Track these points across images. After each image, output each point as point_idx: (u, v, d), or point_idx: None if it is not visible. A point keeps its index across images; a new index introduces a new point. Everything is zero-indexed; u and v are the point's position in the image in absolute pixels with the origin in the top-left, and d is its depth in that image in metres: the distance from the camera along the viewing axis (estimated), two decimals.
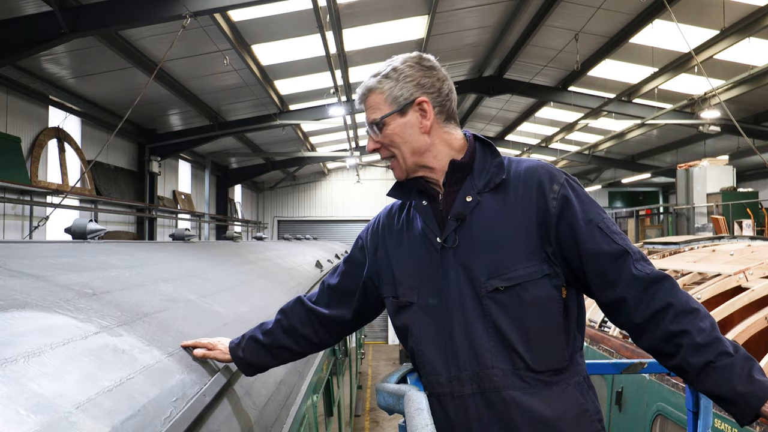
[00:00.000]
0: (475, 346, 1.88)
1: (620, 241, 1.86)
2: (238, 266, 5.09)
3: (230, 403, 2.06)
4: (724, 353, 1.68)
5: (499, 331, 1.86)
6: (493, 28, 13.32)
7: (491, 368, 1.86)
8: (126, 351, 1.85)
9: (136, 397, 1.59)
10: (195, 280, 3.52)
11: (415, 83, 2.00)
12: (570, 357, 1.91)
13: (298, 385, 3.11)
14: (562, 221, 1.88)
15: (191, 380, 1.93)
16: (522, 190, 1.94)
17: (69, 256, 3.06)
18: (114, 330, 1.97)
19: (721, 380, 1.67)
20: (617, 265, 1.83)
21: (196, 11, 7.55)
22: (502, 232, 1.90)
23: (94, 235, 4.26)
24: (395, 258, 2.11)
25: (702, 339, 1.71)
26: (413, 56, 2.07)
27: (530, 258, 1.87)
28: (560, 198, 1.90)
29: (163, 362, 1.93)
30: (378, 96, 2.02)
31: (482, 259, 1.89)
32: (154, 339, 2.09)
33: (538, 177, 1.94)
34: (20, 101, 9.91)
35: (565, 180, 1.94)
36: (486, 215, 1.93)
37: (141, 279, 2.94)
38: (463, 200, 1.96)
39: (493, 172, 1.97)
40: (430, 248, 1.99)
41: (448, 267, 1.94)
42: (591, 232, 1.85)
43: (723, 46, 11.27)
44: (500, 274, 1.86)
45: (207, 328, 2.60)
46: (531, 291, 1.86)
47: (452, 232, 1.94)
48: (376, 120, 2.01)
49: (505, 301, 1.86)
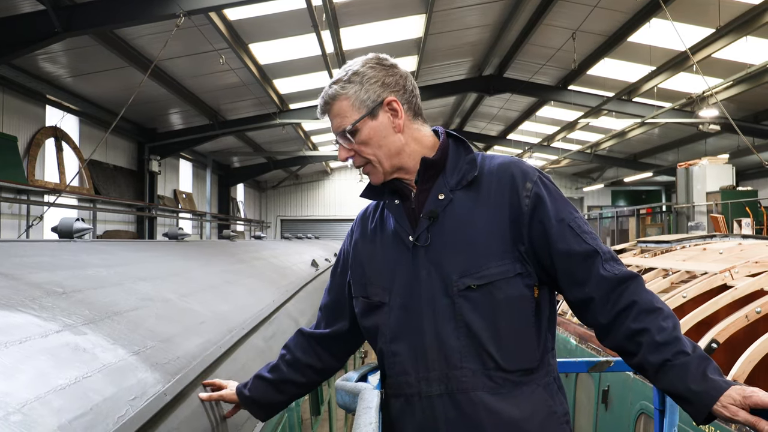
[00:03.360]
0: (444, 347, 1.86)
1: (590, 240, 1.85)
2: (228, 265, 5.09)
3: (194, 402, 2.05)
4: (682, 352, 1.68)
5: (470, 331, 1.84)
6: (492, 27, 13.31)
7: (460, 368, 1.84)
8: (87, 349, 1.85)
9: (90, 396, 1.59)
10: (177, 278, 3.51)
11: (380, 83, 1.95)
12: (541, 357, 1.89)
13: None
14: (534, 219, 1.86)
15: (154, 379, 1.93)
16: (495, 187, 1.92)
17: (48, 255, 3.07)
18: (78, 328, 1.97)
19: (676, 378, 1.67)
20: (587, 265, 1.82)
21: (190, 10, 7.56)
22: (475, 231, 1.88)
23: (80, 234, 4.27)
24: (367, 258, 2.09)
25: (661, 338, 1.71)
26: (371, 57, 2.03)
27: (503, 256, 1.85)
28: (533, 196, 1.88)
29: (126, 361, 1.92)
30: (343, 102, 1.96)
31: (454, 258, 1.87)
32: (121, 338, 2.08)
33: (510, 173, 1.92)
34: (17, 100, 9.94)
35: (538, 178, 1.92)
36: (458, 213, 1.91)
37: (119, 278, 2.93)
38: (435, 198, 1.94)
39: (465, 169, 1.95)
40: (402, 247, 1.97)
41: (420, 266, 1.91)
42: (562, 231, 1.84)
43: (720, 45, 11.24)
44: (472, 273, 1.84)
45: (181, 326, 2.59)
46: (503, 290, 1.84)
47: (424, 231, 1.92)
48: (347, 128, 1.95)
49: (477, 299, 1.84)
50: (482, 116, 22.71)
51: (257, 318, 3.51)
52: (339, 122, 1.97)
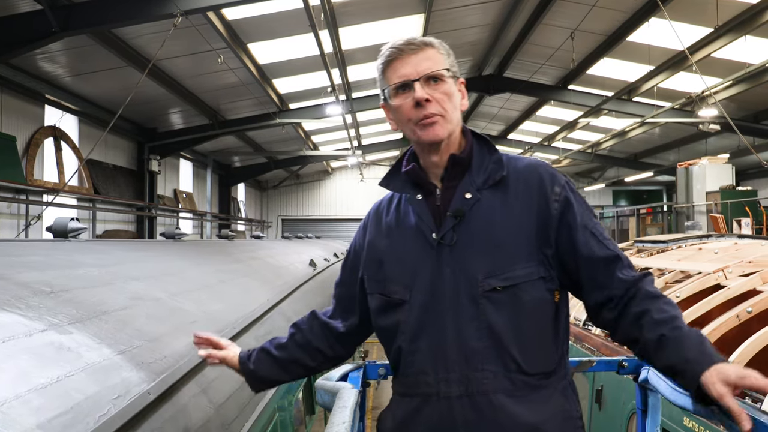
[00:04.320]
0: (466, 347, 1.84)
1: (612, 247, 1.88)
2: (224, 265, 5.09)
3: (180, 401, 2.05)
4: (677, 327, 1.70)
5: (493, 332, 1.82)
6: (491, 27, 13.30)
7: (481, 370, 1.82)
8: (71, 349, 1.86)
9: (72, 395, 1.60)
10: (170, 278, 3.52)
11: (457, 66, 1.99)
12: (558, 360, 1.90)
13: None
14: (562, 224, 1.87)
15: (139, 378, 1.93)
16: (522, 189, 1.91)
17: (41, 255, 3.08)
18: (64, 328, 1.97)
19: (672, 352, 1.67)
20: (609, 271, 1.84)
21: (187, 10, 7.56)
22: (502, 231, 1.87)
23: (75, 234, 4.28)
24: (384, 254, 2.04)
25: (660, 316, 1.73)
26: None
27: (528, 259, 1.85)
28: (562, 200, 1.89)
29: (111, 360, 1.93)
30: (439, 54, 1.94)
31: (480, 258, 1.85)
32: (107, 337, 2.09)
33: (538, 176, 1.92)
34: (16, 100, 9.95)
35: (566, 182, 1.93)
36: (485, 213, 1.89)
37: (110, 277, 2.94)
38: (461, 196, 1.91)
39: (492, 168, 1.94)
40: (424, 244, 1.93)
41: (444, 265, 1.88)
42: (586, 238, 1.86)
43: (720, 45, 11.23)
44: (498, 274, 1.83)
45: (170, 326, 2.60)
46: (528, 292, 1.83)
47: (450, 229, 1.89)
48: (441, 71, 1.91)
49: (501, 301, 1.82)
50: (483, 116, 22.71)
51: (250, 317, 3.52)
52: (428, 65, 1.92)
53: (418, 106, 1.90)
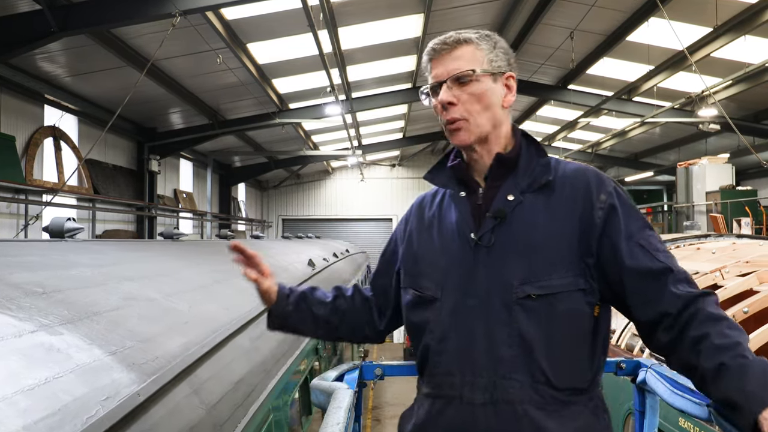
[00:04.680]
0: (495, 353, 1.78)
1: (663, 258, 1.77)
2: (220, 265, 5.08)
3: (171, 402, 2.04)
4: (741, 356, 1.56)
5: (523, 341, 1.76)
6: (490, 27, 13.27)
7: (509, 379, 1.76)
8: (61, 350, 1.85)
9: (60, 396, 1.59)
10: (164, 278, 3.51)
11: (507, 58, 1.93)
12: (592, 378, 1.82)
13: (263, 383, 3.10)
14: (605, 234, 1.79)
15: (129, 379, 1.93)
16: (567, 195, 1.84)
17: (36, 255, 3.07)
18: (55, 329, 1.97)
19: (730, 382, 1.53)
20: (659, 284, 1.74)
21: (186, 9, 7.56)
22: (542, 237, 1.80)
23: (71, 234, 4.28)
24: (422, 248, 2.01)
25: (721, 341, 1.60)
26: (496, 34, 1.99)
27: (568, 268, 1.78)
28: (607, 208, 1.81)
29: (101, 361, 1.93)
30: (473, 50, 1.88)
31: (517, 263, 1.79)
32: (98, 338, 2.09)
33: (586, 182, 1.85)
34: (14, 100, 9.95)
35: (614, 188, 1.85)
36: (527, 217, 1.83)
37: (103, 278, 2.93)
38: (504, 198, 1.86)
39: (538, 171, 1.88)
40: (462, 243, 1.88)
41: (479, 266, 1.83)
42: (632, 248, 1.77)
43: (719, 44, 11.21)
44: (534, 281, 1.77)
45: (163, 326, 2.59)
46: (564, 303, 1.76)
47: (489, 231, 1.84)
48: (468, 72, 1.86)
49: (535, 309, 1.76)
50: None
51: (244, 318, 3.51)
52: (457, 65, 1.87)
53: (444, 109, 1.87)
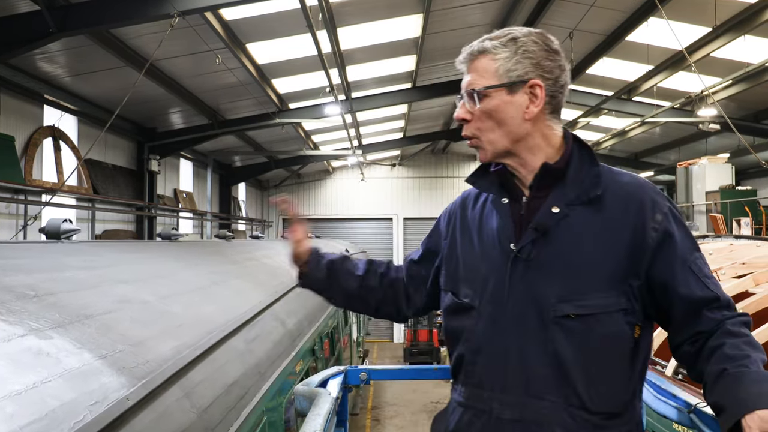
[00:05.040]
0: (528, 371, 1.72)
1: (713, 287, 1.72)
2: (218, 266, 5.08)
3: (161, 406, 2.04)
4: (744, 366, 1.53)
5: (558, 360, 1.69)
6: (490, 27, 13.25)
7: (540, 399, 1.70)
8: (51, 354, 1.85)
9: (48, 401, 1.59)
10: (160, 280, 3.51)
11: (534, 62, 1.79)
12: (628, 402, 1.75)
13: (257, 385, 3.10)
14: (658, 257, 1.71)
15: (119, 383, 1.92)
16: (618, 210, 1.74)
17: (30, 257, 3.07)
18: (45, 332, 1.96)
19: (726, 387, 1.52)
20: (705, 312, 1.69)
21: (185, 10, 7.56)
22: (586, 255, 1.71)
23: (67, 235, 4.27)
24: (462, 253, 1.94)
25: (732, 352, 1.58)
26: (537, 32, 1.85)
27: (609, 287, 1.69)
28: (662, 230, 1.72)
29: (91, 365, 1.92)
30: (488, 62, 1.80)
31: (556, 280, 1.72)
32: (89, 341, 2.08)
33: (640, 199, 1.75)
34: (14, 100, 9.95)
35: (669, 209, 1.77)
36: (571, 232, 1.74)
37: (98, 280, 2.93)
38: (548, 210, 1.76)
39: (588, 183, 1.77)
40: (501, 252, 1.81)
41: (516, 279, 1.76)
42: (686, 275, 1.70)
43: (719, 44, 11.20)
44: (572, 300, 1.69)
45: (156, 329, 2.59)
46: (604, 324, 1.68)
47: (529, 243, 1.76)
48: (477, 88, 1.79)
49: (572, 329, 1.69)
50: None
51: (240, 320, 3.50)
52: (473, 79, 1.82)
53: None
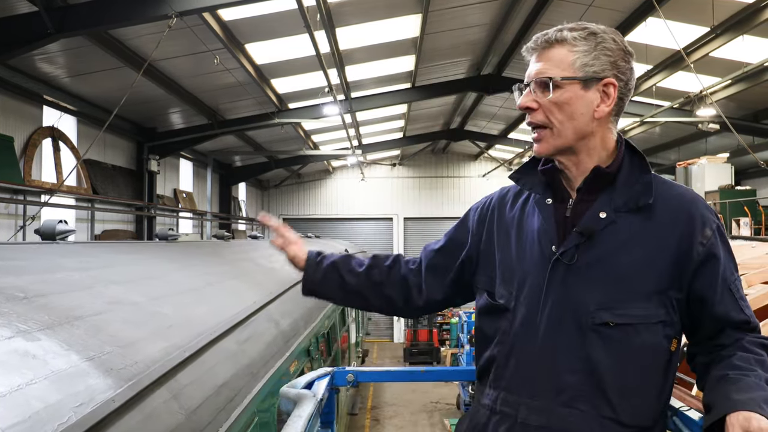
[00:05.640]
0: (559, 379, 1.68)
1: (747, 310, 1.72)
2: (213, 267, 5.09)
3: (148, 408, 2.05)
4: (745, 375, 1.54)
5: (593, 369, 1.66)
6: (488, 27, 13.28)
7: (569, 407, 1.67)
8: (37, 356, 1.86)
9: (32, 403, 1.60)
10: (153, 281, 3.52)
11: (612, 61, 1.74)
12: (659, 415, 1.73)
13: (249, 386, 3.11)
14: (702, 273, 1.69)
15: (106, 385, 1.93)
16: (667, 221, 1.72)
17: (23, 259, 3.08)
18: (33, 334, 1.98)
19: (721, 389, 1.54)
20: (735, 333, 1.70)
21: (182, 11, 7.57)
22: (631, 263, 1.68)
23: (63, 237, 4.28)
24: (500, 252, 1.90)
25: (738, 362, 1.58)
26: (614, 31, 1.79)
27: (650, 298, 1.67)
28: (709, 246, 1.70)
29: (78, 367, 1.94)
30: (565, 52, 1.74)
31: (597, 287, 1.68)
32: (77, 343, 2.09)
33: (690, 211, 1.73)
34: (13, 101, 9.97)
35: (717, 227, 1.75)
36: (617, 239, 1.71)
37: (90, 281, 2.94)
38: (596, 214, 1.73)
39: (637, 190, 1.75)
40: (541, 254, 1.78)
41: (556, 283, 1.72)
42: (724, 296, 1.69)
43: (718, 44, 11.19)
44: (612, 308, 1.66)
45: (146, 331, 2.60)
46: (642, 335, 1.66)
47: (573, 247, 1.72)
48: (552, 78, 1.72)
49: (610, 338, 1.65)
50: (483, 115, 22.66)
51: (232, 320, 3.51)
52: (545, 68, 1.75)
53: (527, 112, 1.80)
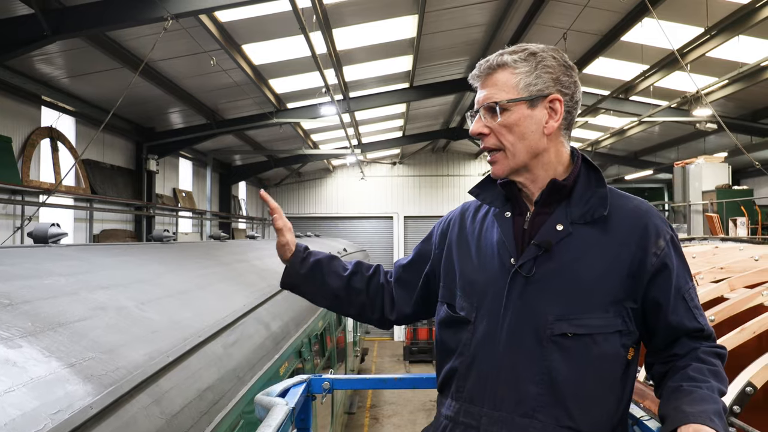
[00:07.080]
0: (520, 389, 1.71)
1: (700, 318, 1.76)
2: (205, 269, 5.11)
3: (127, 414, 2.08)
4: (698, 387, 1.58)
5: (552, 380, 1.69)
6: (486, 27, 13.30)
7: (531, 417, 1.69)
8: (17, 363, 1.89)
9: (8, 411, 1.63)
10: (141, 285, 3.54)
11: (554, 77, 1.79)
12: (617, 424, 1.76)
13: (234, 390, 3.13)
14: (655, 283, 1.74)
15: (84, 391, 1.97)
16: (622, 232, 1.76)
17: (11, 263, 3.10)
18: (14, 341, 2.01)
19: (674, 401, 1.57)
20: (689, 341, 1.74)
21: (177, 13, 7.60)
22: (587, 274, 1.72)
23: (55, 240, 4.31)
24: (460, 265, 1.93)
25: (694, 374, 1.62)
26: (553, 48, 1.84)
27: (608, 309, 1.70)
28: (662, 256, 1.74)
29: (57, 374, 1.97)
30: (508, 76, 1.77)
31: (555, 298, 1.72)
32: (59, 350, 2.12)
33: (644, 223, 1.77)
34: (11, 101, 10.01)
35: (671, 238, 1.78)
36: (574, 250, 1.74)
37: (77, 286, 2.96)
38: (552, 227, 1.77)
39: (593, 203, 1.79)
40: (500, 266, 1.81)
41: (515, 295, 1.75)
42: (677, 304, 1.74)
43: (714, 44, 11.21)
44: (570, 319, 1.69)
45: (130, 336, 2.63)
46: (600, 345, 1.69)
47: (531, 259, 1.75)
48: (499, 102, 1.76)
49: (569, 349, 1.69)
50: None
51: (219, 324, 3.53)
52: (491, 93, 1.78)
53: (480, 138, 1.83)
